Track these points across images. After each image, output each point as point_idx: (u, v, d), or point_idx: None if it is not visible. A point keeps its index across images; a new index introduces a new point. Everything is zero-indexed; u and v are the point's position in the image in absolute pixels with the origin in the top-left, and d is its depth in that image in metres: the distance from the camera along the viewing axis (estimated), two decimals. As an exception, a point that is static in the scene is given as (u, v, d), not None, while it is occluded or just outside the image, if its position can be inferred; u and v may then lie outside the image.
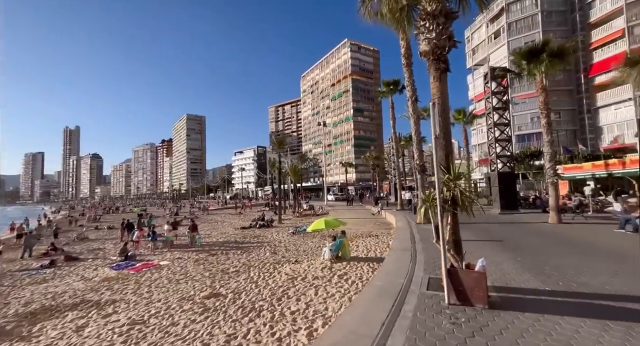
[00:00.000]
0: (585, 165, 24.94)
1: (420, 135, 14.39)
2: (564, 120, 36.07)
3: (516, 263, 6.14)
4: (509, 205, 17.46)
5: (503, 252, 7.40)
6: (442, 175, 4.45)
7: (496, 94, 17.80)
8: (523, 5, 38.01)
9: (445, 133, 4.59)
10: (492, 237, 9.54)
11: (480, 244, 8.58)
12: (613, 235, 9.49)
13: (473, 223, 13.77)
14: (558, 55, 11.46)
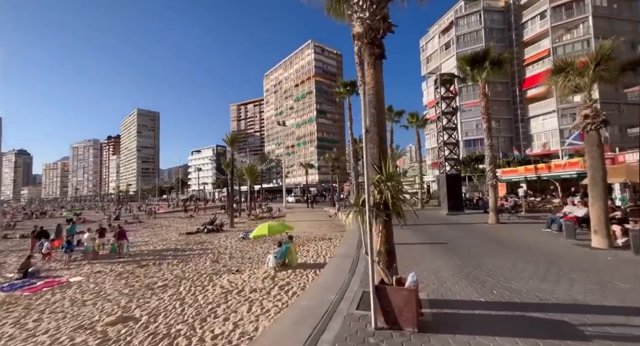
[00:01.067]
0: (519, 169, 27.55)
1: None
2: (502, 127, 39.70)
3: (455, 269, 5.98)
4: (456, 206, 18.32)
5: (444, 255, 7.30)
6: (374, 175, 3.97)
7: (445, 99, 18.63)
8: (469, 21, 41.20)
9: (379, 128, 4.13)
10: (437, 240, 9.58)
11: (425, 248, 8.48)
12: (541, 234, 10.14)
13: (422, 224, 14.30)
14: (497, 64, 12.23)
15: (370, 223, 3.50)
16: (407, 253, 7.54)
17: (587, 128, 7.39)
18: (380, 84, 4.31)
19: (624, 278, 5.02)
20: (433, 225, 13.45)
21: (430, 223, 14.15)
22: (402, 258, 6.94)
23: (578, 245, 7.85)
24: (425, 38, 49.63)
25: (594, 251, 7.15)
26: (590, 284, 4.72)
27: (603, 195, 7.24)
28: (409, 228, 12.27)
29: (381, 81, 4.35)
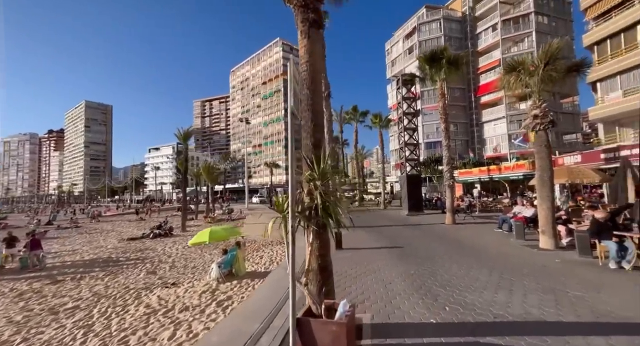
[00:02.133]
0: (474, 171, 29.03)
1: (332, 134, 13.66)
2: (459, 131, 41.90)
3: (408, 279, 5.45)
4: (416, 207, 18.46)
5: (399, 262, 6.80)
6: (307, 172, 3.19)
7: (406, 100, 18.73)
8: (431, 28, 42.94)
9: (314, 114, 3.35)
10: (394, 243, 9.16)
11: (381, 253, 7.96)
12: (493, 234, 10.24)
13: (381, 226, 14.01)
14: (453, 63, 12.36)
15: (293, 234, 2.69)
16: (361, 261, 6.93)
17: (536, 128, 7.41)
18: (317, 58, 3.51)
19: (573, 284, 4.82)
20: (392, 226, 13.21)
21: (389, 224, 13.92)
22: (355, 267, 6.30)
23: (527, 246, 7.85)
24: (390, 42, 50.87)
25: (542, 252, 7.13)
26: (543, 293, 4.40)
27: (550, 195, 7.28)
28: (368, 231, 11.88)
29: (318, 55, 3.55)
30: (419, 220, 15.04)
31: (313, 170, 3.15)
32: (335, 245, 8.49)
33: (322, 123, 3.46)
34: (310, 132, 3.33)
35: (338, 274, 5.88)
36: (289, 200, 2.76)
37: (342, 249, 8.39)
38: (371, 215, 19.07)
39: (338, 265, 6.66)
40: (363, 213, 19.91)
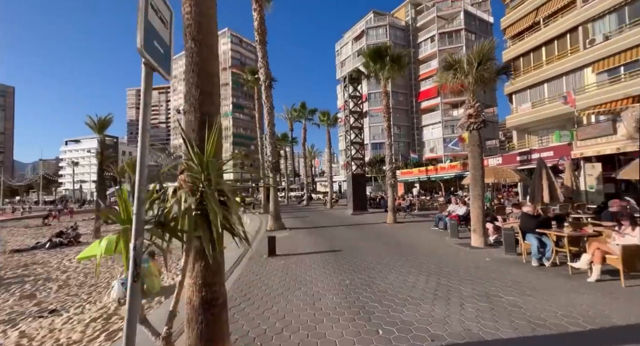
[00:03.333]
0: (414, 171, 30.84)
1: (273, 127, 12.58)
2: (402, 133, 44.44)
3: (342, 292, 4.78)
4: (360, 206, 18.47)
5: (335, 270, 6.14)
6: (192, 164, 2.15)
7: (353, 98, 18.62)
8: (378, 33, 44.66)
9: (203, 77, 2.28)
10: (333, 246, 8.53)
11: (317, 259, 7.20)
12: (430, 232, 10.41)
13: (324, 226, 13.39)
14: (396, 61, 12.44)
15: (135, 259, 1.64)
16: (294, 270, 6.05)
17: (470, 127, 7.51)
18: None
19: (505, 287, 4.69)
20: (336, 226, 12.73)
21: (333, 224, 13.44)
22: (284, 279, 5.33)
23: (460, 244, 7.95)
24: (340, 42, 51.57)
25: (473, 251, 7.21)
26: (479, 300, 4.09)
27: (482, 194, 7.44)
28: (310, 232, 11.14)
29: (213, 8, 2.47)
30: (362, 220, 14.91)
31: (193, 159, 2.12)
32: (268, 252, 7.49)
33: (215, 92, 2.44)
34: (194, 104, 2.29)
35: (262, 290, 4.91)
36: (134, 206, 1.69)
37: (276, 256, 7.43)
38: (317, 215, 18.51)
39: (266, 277, 5.68)
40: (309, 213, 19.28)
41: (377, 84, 14.96)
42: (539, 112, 19.82)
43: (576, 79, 18.10)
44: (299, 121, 34.19)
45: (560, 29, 18.72)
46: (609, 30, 16.46)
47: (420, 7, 48.17)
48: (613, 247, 4.66)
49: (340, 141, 51.08)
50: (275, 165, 12.30)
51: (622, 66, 15.88)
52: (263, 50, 11.79)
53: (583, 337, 3.09)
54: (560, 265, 5.62)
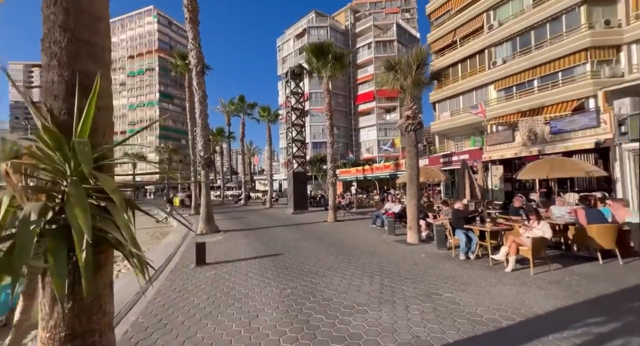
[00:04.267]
0: (352, 170, 32.12)
1: (206, 119, 11.21)
2: (341, 134, 45.99)
3: (283, 304, 4.31)
4: (301, 205, 18.16)
5: (275, 278, 5.62)
6: (44, 149, 1.34)
7: (294, 94, 18.14)
8: (319, 33, 45.19)
9: (73, 43, 1.50)
10: (273, 249, 7.91)
11: (254, 266, 6.49)
12: (369, 230, 10.67)
13: (264, 227, 12.39)
14: (339, 59, 12.46)
15: None
16: (226, 281, 5.25)
17: (408, 128, 7.84)
18: None
19: (442, 284, 4.87)
20: (275, 227, 12.08)
21: (273, 225, 12.74)
22: (214, 294, 4.40)
23: (398, 241, 8.25)
24: (281, 39, 50.56)
25: (410, 247, 7.51)
26: (422, 301, 4.09)
27: (417, 192, 7.83)
28: (247, 235, 10.19)
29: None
30: (303, 219, 14.60)
31: (47, 141, 1.33)
32: (196, 261, 6.46)
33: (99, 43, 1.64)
34: (59, 56, 1.46)
35: (185, 311, 4.03)
36: None
37: (206, 265, 6.46)
38: (255, 215, 17.48)
39: (192, 293, 4.76)
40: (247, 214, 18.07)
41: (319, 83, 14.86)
42: (456, 120, 22.65)
43: (483, 94, 21.22)
44: (237, 115, 32.11)
45: (472, 50, 21.67)
46: (506, 56, 19.73)
47: (358, 14, 50.62)
48: (524, 239, 5.27)
49: (282, 139, 50.14)
50: (207, 160, 10.96)
51: (514, 86, 19.19)
52: (194, 31, 10.32)
53: (516, 330, 3.25)
54: (481, 257, 6.19)
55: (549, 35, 17.09)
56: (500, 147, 14.97)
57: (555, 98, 16.39)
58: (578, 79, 15.72)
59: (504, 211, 9.25)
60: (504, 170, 15.22)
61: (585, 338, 3.03)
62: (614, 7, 15.21)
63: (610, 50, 15.12)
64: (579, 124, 11.68)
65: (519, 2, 18.70)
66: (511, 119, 18.25)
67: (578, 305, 3.87)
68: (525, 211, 6.59)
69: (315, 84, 42.90)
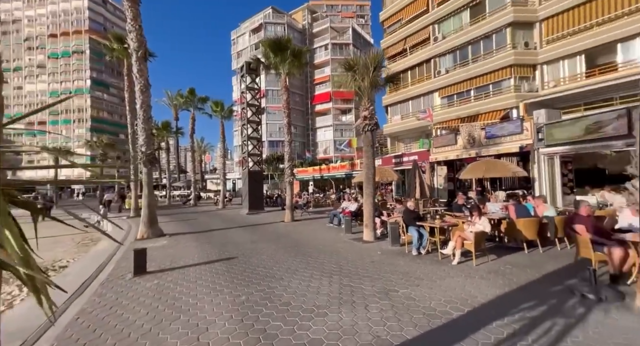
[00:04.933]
0: (309, 169, 32.19)
1: (149, 111, 10.04)
2: (298, 133, 45.79)
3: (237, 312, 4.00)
4: (257, 205, 17.54)
5: (229, 284, 5.23)
6: None
7: (251, 90, 17.40)
8: (276, 30, 44.32)
9: None
10: (225, 253, 7.39)
11: (205, 273, 5.97)
12: (327, 229, 10.71)
13: (216, 229, 11.61)
14: (297, 56, 12.26)
15: None
16: (171, 291, 4.68)
17: (365, 128, 8.02)
18: None
19: (398, 280, 5.04)
20: (229, 229, 11.40)
21: (226, 226, 12.01)
22: (155, 307, 3.79)
23: (354, 239, 8.40)
24: (236, 31, 48.39)
25: (366, 245, 7.69)
26: (381, 299, 4.15)
27: (374, 191, 8.06)
28: (196, 238, 9.28)
29: None
30: (259, 219, 14.07)
31: None
32: (134, 270, 5.69)
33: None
34: None
35: (117, 331, 3.44)
36: None
37: (147, 274, 5.73)
38: (206, 217, 16.34)
39: (128, 308, 4.13)
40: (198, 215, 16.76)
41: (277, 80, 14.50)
42: (406, 123, 24.19)
43: (430, 100, 23.04)
44: (186, 110, 29.72)
45: (420, 59, 23.35)
46: (449, 66, 21.69)
47: (316, 14, 50.97)
48: (468, 234, 5.75)
49: (236, 136, 47.98)
50: (150, 157, 9.81)
51: (455, 94, 21.21)
52: (134, 10, 9.10)
53: (464, 321, 3.46)
54: (431, 252, 6.61)
55: (482, 51, 19.22)
56: (444, 149, 16.36)
57: (488, 107, 18.50)
58: (504, 91, 17.97)
59: (448, 208, 10.10)
60: (447, 171, 16.68)
61: (521, 322, 3.35)
62: (531, 31, 17.72)
63: (528, 69, 17.59)
64: (507, 131, 13.33)
65: (458, 19, 20.68)
66: (453, 124, 20.10)
67: (513, 291, 4.31)
68: (468, 208, 7.22)
69: (272, 81, 41.99)
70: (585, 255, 4.94)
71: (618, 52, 14.68)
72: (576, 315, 3.49)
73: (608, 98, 13.19)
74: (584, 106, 13.71)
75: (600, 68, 15.09)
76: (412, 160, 13.69)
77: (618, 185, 9.78)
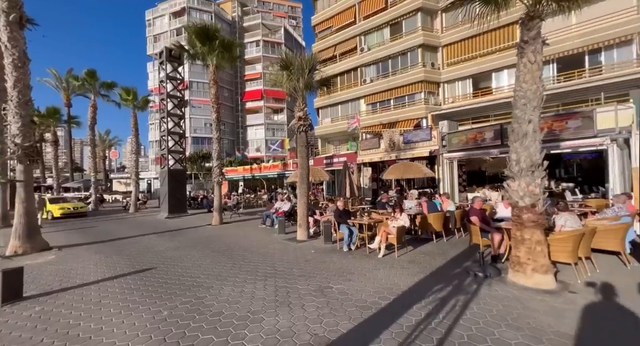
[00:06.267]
0: (239, 169, 30.70)
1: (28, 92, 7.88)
2: (227, 130, 43.21)
3: (158, 331, 3.48)
4: (178, 208, 15.78)
5: (143, 299, 4.52)
6: None
7: (172, 79, 15.52)
8: (202, 17, 40.82)
9: None
10: (139, 264, 6.40)
11: (112, 288, 5.07)
12: (259, 230, 10.38)
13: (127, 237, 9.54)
14: (228, 49, 11.49)
15: None
16: (63, 317, 3.78)
17: (300, 129, 8.08)
18: None
19: (332, 276, 5.25)
20: (144, 236, 9.89)
21: (140, 233, 10.39)
22: (41, 336, 3.17)
23: (288, 239, 8.38)
24: (152, 12, 42.59)
25: (300, 245, 7.76)
26: (316, 297, 4.24)
27: (308, 191, 8.18)
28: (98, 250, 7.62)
29: None
30: (182, 224, 12.66)
31: None
32: (1, 297, 4.38)
33: None
34: None
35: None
36: None
37: (24, 299, 4.49)
38: (112, 223, 13.83)
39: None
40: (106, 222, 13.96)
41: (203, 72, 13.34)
42: (336, 126, 25.47)
43: (357, 106, 24.83)
44: (84, 95, 24.58)
45: (348, 66, 24.94)
46: (373, 76, 23.82)
47: (247, 8, 48.98)
48: (392, 228, 6.40)
49: (152, 130, 42.30)
50: (28, 150, 7.69)
51: (378, 102, 23.43)
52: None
53: (391, 308, 3.82)
54: (360, 247, 7.10)
55: (400, 65, 21.74)
56: (370, 151, 17.85)
57: (404, 116, 21.01)
58: (417, 103, 20.73)
59: (374, 206, 11.06)
60: (372, 171, 18.24)
61: (434, 303, 3.91)
62: (436, 54, 20.96)
63: (434, 85, 20.74)
64: (420, 137, 15.41)
65: (381, 34, 22.90)
66: (377, 129, 22.11)
67: (427, 277, 4.99)
68: (391, 205, 8.04)
69: (197, 72, 38.44)
70: (476, 241, 6.10)
71: (493, 79, 18.62)
72: (471, 291, 4.26)
73: (487, 115, 16.61)
74: (472, 120, 16.92)
75: (482, 91, 18.89)
76: (342, 161, 14.51)
77: (495, 184, 12.44)
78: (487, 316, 3.48)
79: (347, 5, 24.59)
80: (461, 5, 5.22)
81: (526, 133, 4.55)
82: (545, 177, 4.62)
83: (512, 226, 4.78)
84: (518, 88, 4.69)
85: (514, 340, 2.96)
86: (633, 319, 3.36)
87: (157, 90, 20.18)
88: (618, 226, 5.27)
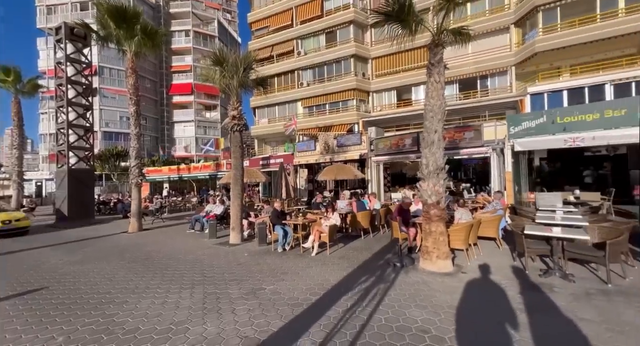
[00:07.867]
0: (164, 169, 27.60)
1: None
2: (149, 126, 38.42)
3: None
4: (84, 214, 13.33)
5: (31, 328, 3.77)
6: None
7: (75, 62, 13.00)
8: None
9: None
10: (22, 285, 5.23)
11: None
12: (187, 236, 9.55)
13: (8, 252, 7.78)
14: (150, 37, 10.23)
15: None
16: None
17: (234, 128, 7.77)
18: None
19: (265, 277, 5.24)
20: (31, 250, 8.02)
21: (25, 247, 8.37)
22: None
23: (220, 244, 7.95)
24: (49, -24, 35.03)
25: (233, 248, 7.45)
26: (248, 299, 4.18)
27: (242, 193, 7.92)
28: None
29: None
30: (87, 233, 10.71)
31: None
32: None
33: None
34: None
35: None
36: None
37: None
38: None
39: None
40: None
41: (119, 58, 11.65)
42: (273, 127, 25.24)
43: (294, 108, 25.10)
44: None
45: (285, 68, 25.04)
46: (309, 80, 24.48)
47: (175, -8, 44.54)
48: (324, 227, 6.71)
49: (45, 121, 34.83)
50: None
51: (314, 106, 24.18)
52: None
53: (321, 303, 4.03)
54: (294, 247, 7.23)
55: (334, 72, 22.89)
56: (306, 153, 18.25)
57: (338, 120, 22.16)
58: (349, 109, 22.13)
59: (309, 206, 11.36)
60: (308, 173, 18.68)
61: (359, 293, 4.28)
62: (367, 65, 22.79)
63: (365, 94, 22.50)
64: (352, 141, 16.49)
65: (317, 40, 23.71)
66: (313, 132, 22.75)
67: (354, 271, 5.42)
68: (324, 205, 8.41)
69: (109, 57, 33.15)
70: (396, 235, 6.88)
71: (413, 92, 21.23)
72: (390, 280, 4.82)
73: (408, 123, 18.83)
74: (396, 127, 18.93)
75: (404, 101, 21.34)
76: (279, 162, 14.47)
77: (413, 185, 14.22)
78: (401, 299, 4.00)
79: (285, 8, 24.71)
80: (384, 24, 5.85)
81: (433, 141, 5.39)
82: (448, 178, 5.54)
83: (423, 220, 5.57)
84: (427, 103, 5.52)
85: (419, 317, 3.49)
86: (499, 289, 4.31)
87: (52, 73, 16.44)
88: (495, 217, 6.68)
